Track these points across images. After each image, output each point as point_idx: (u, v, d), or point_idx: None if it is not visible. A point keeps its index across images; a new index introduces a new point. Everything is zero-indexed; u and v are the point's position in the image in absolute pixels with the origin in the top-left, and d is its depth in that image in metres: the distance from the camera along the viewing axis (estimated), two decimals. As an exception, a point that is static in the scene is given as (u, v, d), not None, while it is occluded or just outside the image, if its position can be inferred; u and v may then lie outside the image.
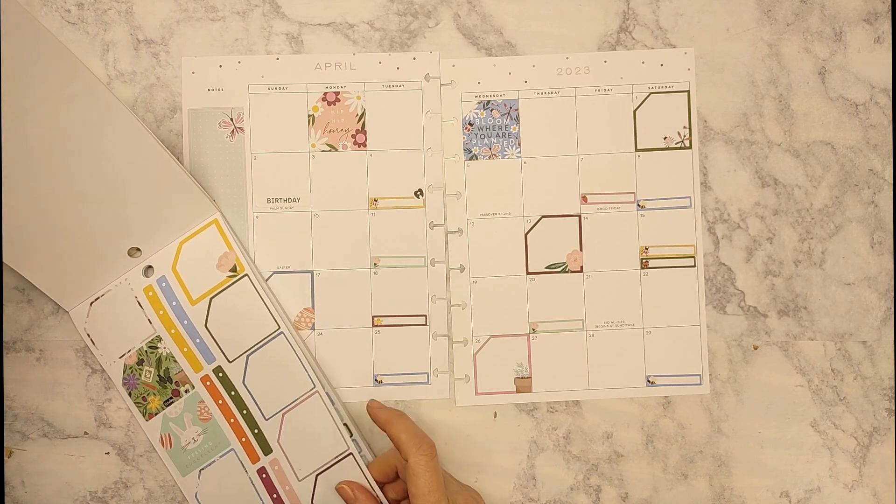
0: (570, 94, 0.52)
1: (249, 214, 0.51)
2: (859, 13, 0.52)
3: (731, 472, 0.51)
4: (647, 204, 0.52)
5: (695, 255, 0.52)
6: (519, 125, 0.52)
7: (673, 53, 0.52)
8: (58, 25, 0.51)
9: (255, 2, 0.51)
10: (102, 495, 0.50)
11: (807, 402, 0.52)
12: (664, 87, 0.52)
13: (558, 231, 0.52)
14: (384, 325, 0.51)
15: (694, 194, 0.52)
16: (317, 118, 0.51)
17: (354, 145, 0.51)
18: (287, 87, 0.51)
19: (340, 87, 0.52)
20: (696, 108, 0.52)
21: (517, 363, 0.51)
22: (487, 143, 0.52)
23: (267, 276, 0.51)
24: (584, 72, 0.52)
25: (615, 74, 0.52)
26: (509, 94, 0.52)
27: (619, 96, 0.52)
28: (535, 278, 0.52)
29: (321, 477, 0.48)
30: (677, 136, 0.52)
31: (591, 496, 0.51)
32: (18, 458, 0.50)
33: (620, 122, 0.52)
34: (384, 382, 0.51)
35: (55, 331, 0.51)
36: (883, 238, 0.52)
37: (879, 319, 0.52)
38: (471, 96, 0.52)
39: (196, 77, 0.51)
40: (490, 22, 0.52)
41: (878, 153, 0.52)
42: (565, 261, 0.52)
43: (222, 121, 0.51)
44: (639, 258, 0.52)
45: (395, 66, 0.52)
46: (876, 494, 0.51)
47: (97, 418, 0.51)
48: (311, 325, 0.51)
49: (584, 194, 0.52)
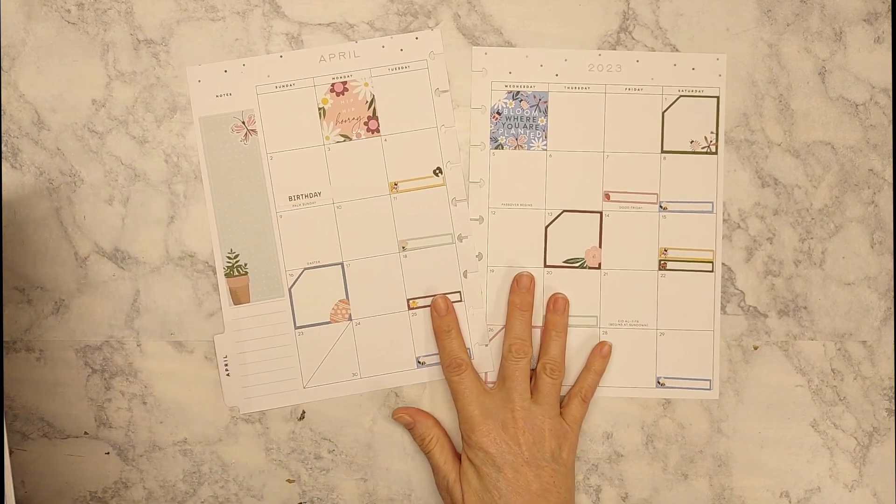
0: (601, 90, 0.52)
1: (273, 214, 0.51)
2: (859, 13, 0.52)
3: (731, 472, 0.51)
4: (669, 206, 0.52)
5: (713, 259, 0.52)
6: (547, 118, 0.52)
7: (705, 58, 0.52)
8: (58, 25, 0.51)
9: (255, 2, 0.51)
10: (102, 495, 0.50)
11: (807, 402, 0.52)
12: (694, 90, 0.52)
13: (579, 226, 0.52)
14: (420, 306, 0.51)
15: (717, 200, 0.52)
16: (327, 110, 0.51)
17: (368, 132, 0.52)
18: (294, 83, 0.51)
19: (347, 77, 0.52)
20: (724, 114, 0.52)
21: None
22: (514, 133, 0.52)
23: (298, 274, 0.51)
24: (616, 69, 0.52)
25: (646, 75, 0.52)
26: (539, 87, 0.52)
27: (648, 96, 0.52)
28: (553, 272, 0.52)
29: None
30: (704, 141, 0.52)
31: (591, 496, 0.51)
32: (18, 458, 0.50)
33: (648, 123, 0.52)
34: (427, 363, 0.51)
35: (55, 331, 0.51)
36: (883, 238, 0.52)
37: (879, 319, 0.52)
38: (501, 85, 0.52)
39: (203, 85, 0.51)
40: (490, 22, 0.52)
41: (878, 153, 0.52)
42: (584, 256, 0.52)
43: (234, 125, 0.51)
44: (657, 259, 0.52)
45: (399, 49, 0.52)
46: (876, 494, 0.51)
47: (97, 418, 0.51)
48: (348, 316, 0.51)
49: (607, 191, 0.52)
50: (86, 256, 0.51)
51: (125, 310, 0.51)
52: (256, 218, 0.51)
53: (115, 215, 0.51)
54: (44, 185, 0.51)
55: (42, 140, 0.51)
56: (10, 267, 0.51)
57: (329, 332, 0.51)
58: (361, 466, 0.51)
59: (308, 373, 0.51)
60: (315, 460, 0.51)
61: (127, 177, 0.51)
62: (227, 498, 0.51)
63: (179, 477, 0.51)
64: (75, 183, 0.51)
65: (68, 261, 0.51)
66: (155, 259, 0.51)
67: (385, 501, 0.51)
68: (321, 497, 0.51)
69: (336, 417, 0.51)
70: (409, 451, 0.51)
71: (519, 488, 0.46)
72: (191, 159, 0.51)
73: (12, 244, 0.51)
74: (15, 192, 0.51)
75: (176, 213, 0.51)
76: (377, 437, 0.51)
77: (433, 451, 0.49)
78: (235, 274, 0.51)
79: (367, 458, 0.51)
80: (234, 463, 0.51)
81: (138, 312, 0.51)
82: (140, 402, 0.51)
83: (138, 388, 0.51)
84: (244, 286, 0.51)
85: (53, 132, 0.51)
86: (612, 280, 0.52)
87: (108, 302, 0.51)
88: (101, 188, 0.51)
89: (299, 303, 0.51)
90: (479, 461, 0.47)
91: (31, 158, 0.51)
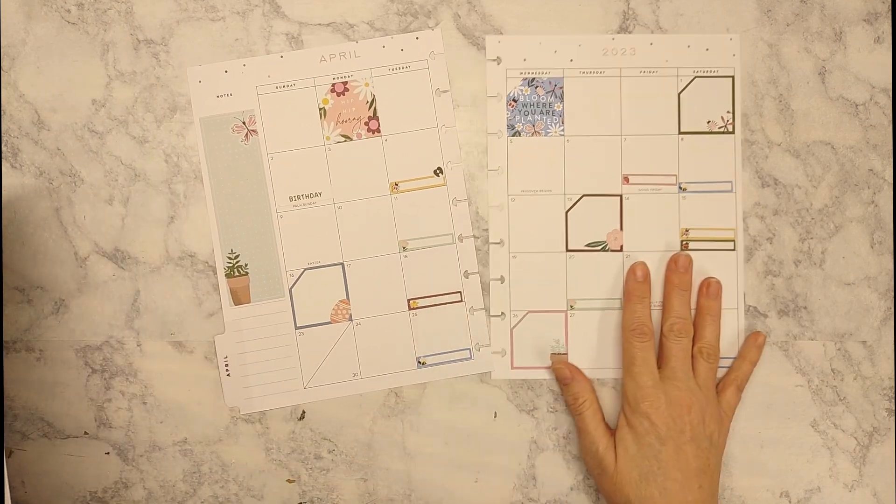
0: (615, 74, 0.52)
1: (273, 215, 0.51)
2: (859, 13, 0.52)
3: (731, 472, 0.51)
4: (688, 187, 0.52)
5: (734, 238, 0.52)
6: (563, 103, 0.52)
7: (719, 39, 0.52)
8: (58, 25, 0.51)
9: (255, 2, 0.51)
10: (102, 495, 0.50)
11: (807, 402, 0.52)
12: (709, 71, 0.52)
13: (599, 210, 0.52)
14: (420, 306, 0.51)
15: (735, 179, 0.52)
16: (328, 110, 0.51)
17: (368, 132, 0.52)
18: (294, 83, 0.51)
19: (347, 77, 0.52)
20: (739, 93, 0.52)
21: (554, 339, 0.51)
22: (531, 119, 0.52)
23: (299, 274, 0.51)
24: (630, 53, 0.52)
25: (661, 57, 0.52)
26: (554, 73, 0.52)
27: (664, 79, 0.52)
28: (575, 255, 0.52)
29: None
30: (720, 121, 0.52)
31: (592, 496, 0.51)
32: (18, 458, 0.50)
33: (664, 105, 0.52)
34: (427, 363, 0.51)
35: (55, 331, 0.51)
36: (883, 238, 0.52)
37: (879, 319, 0.52)
38: (516, 73, 0.52)
39: (204, 86, 0.51)
40: (490, 22, 0.52)
41: (878, 153, 0.52)
42: (605, 239, 0.52)
43: (235, 125, 0.51)
44: (679, 240, 0.52)
45: (399, 49, 0.52)
46: (876, 494, 0.51)
47: (97, 418, 0.51)
48: (349, 316, 0.51)
49: (626, 175, 0.52)
50: (86, 256, 0.51)
51: (125, 310, 0.51)
52: (257, 218, 0.51)
53: (115, 215, 0.51)
54: (44, 185, 0.51)
55: (42, 140, 0.51)
56: (10, 267, 0.51)
57: (329, 333, 0.51)
58: (361, 466, 0.51)
59: (308, 373, 0.51)
60: (315, 460, 0.51)
61: (127, 177, 0.51)
62: (227, 498, 0.51)
63: (179, 477, 0.51)
64: (75, 183, 0.51)
65: (68, 261, 0.51)
66: (155, 259, 0.51)
67: (385, 501, 0.51)
68: (321, 497, 0.51)
69: (336, 417, 0.51)
70: (409, 451, 0.51)
71: (679, 464, 0.46)
72: (191, 159, 0.51)
73: (12, 244, 0.51)
74: (15, 192, 0.51)
75: (176, 213, 0.51)
76: (377, 437, 0.51)
77: (585, 413, 0.49)
78: (236, 274, 0.51)
79: (367, 458, 0.51)
80: (234, 463, 0.51)
81: (138, 312, 0.51)
82: (140, 402, 0.51)
83: (138, 388, 0.51)
84: (245, 286, 0.51)
85: (53, 132, 0.51)
86: (635, 262, 0.52)
87: (108, 302, 0.51)
88: (101, 188, 0.51)
89: (300, 303, 0.51)
90: (642, 429, 0.47)
91: (31, 158, 0.51)
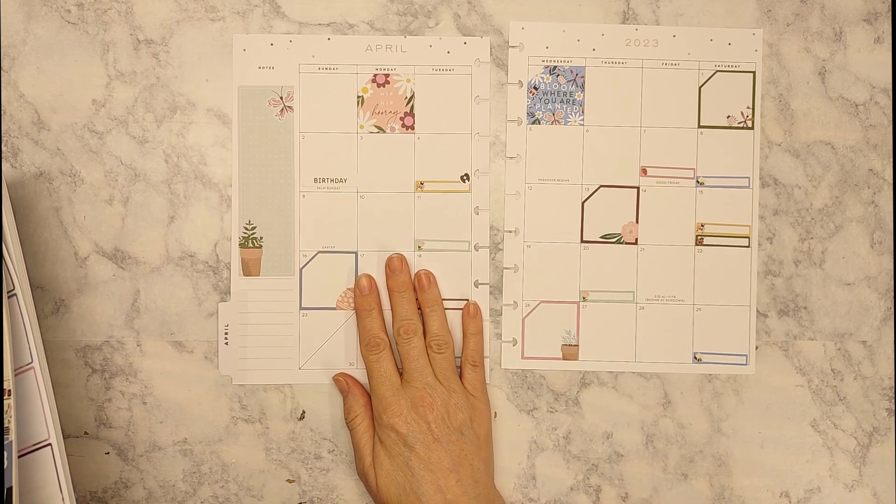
0: (637, 65, 0.52)
1: (296, 193, 0.51)
2: (859, 13, 0.52)
3: (731, 472, 0.51)
4: (706, 181, 0.52)
5: (750, 235, 0.52)
6: (584, 93, 0.52)
7: (741, 34, 0.52)
8: (58, 25, 0.51)
9: (256, 2, 0.51)
10: (102, 495, 0.50)
11: (807, 402, 0.52)
12: (731, 66, 0.52)
13: (616, 201, 0.52)
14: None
15: (753, 175, 0.52)
16: (366, 99, 0.52)
17: (403, 128, 0.52)
18: (337, 67, 0.51)
19: (391, 70, 0.52)
20: (760, 89, 0.52)
21: (565, 330, 0.51)
22: (551, 108, 0.52)
23: (312, 256, 0.51)
24: (653, 44, 0.52)
25: (683, 50, 0.52)
26: (576, 61, 0.52)
27: (685, 72, 0.52)
28: (589, 247, 0.52)
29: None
30: (740, 116, 0.52)
31: (591, 496, 0.51)
32: (18, 458, 0.50)
33: (685, 98, 0.52)
34: None
35: (55, 331, 0.51)
36: (883, 238, 0.52)
37: (879, 319, 0.52)
38: (538, 60, 0.52)
39: (247, 55, 0.51)
40: (490, 22, 0.52)
41: (878, 153, 0.52)
42: (620, 232, 0.52)
43: (272, 99, 0.51)
44: (694, 234, 0.52)
45: (446, 51, 0.52)
46: (876, 494, 0.51)
47: (97, 418, 0.51)
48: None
49: (644, 167, 0.52)
50: (86, 256, 0.51)
51: (125, 310, 0.51)
52: (279, 194, 0.51)
53: (115, 215, 0.51)
54: (44, 185, 0.51)
55: (42, 140, 0.51)
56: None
57: (333, 318, 0.51)
58: (361, 466, 0.51)
59: (305, 355, 0.51)
60: (315, 460, 0.51)
61: (127, 177, 0.51)
62: (227, 498, 0.51)
63: (179, 477, 0.51)
64: (75, 183, 0.51)
65: (68, 261, 0.51)
66: (155, 259, 0.51)
67: (385, 501, 0.51)
68: (321, 497, 0.51)
69: (336, 417, 0.51)
70: (409, 451, 0.51)
71: (430, 465, 0.46)
72: (191, 159, 0.51)
73: (12, 244, 0.51)
74: (15, 193, 0.51)
75: (176, 213, 0.51)
76: (377, 437, 0.51)
77: (357, 427, 0.49)
78: (250, 245, 0.51)
79: (367, 458, 0.51)
80: (234, 463, 0.51)
81: (138, 312, 0.51)
82: (140, 402, 0.51)
83: (138, 388, 0.51)
84: (256, 259, 0.51)
85: (53, 132, 0.51)
86: (649, 255, 0.52)
87: (108, 302, 0.51)
88: (101, 188, 0.51)
89: (308, 284, 0.51)
90: (391, 442, 0.47)
91: (31, 158, 0.51)
